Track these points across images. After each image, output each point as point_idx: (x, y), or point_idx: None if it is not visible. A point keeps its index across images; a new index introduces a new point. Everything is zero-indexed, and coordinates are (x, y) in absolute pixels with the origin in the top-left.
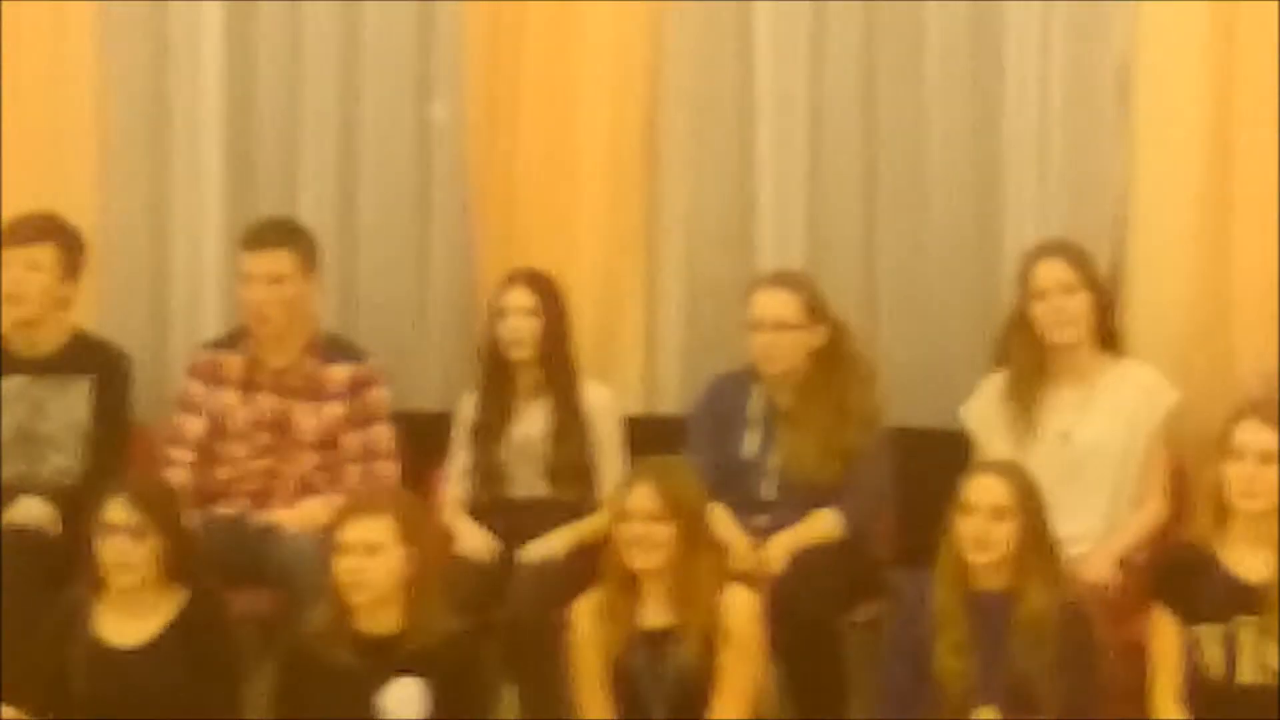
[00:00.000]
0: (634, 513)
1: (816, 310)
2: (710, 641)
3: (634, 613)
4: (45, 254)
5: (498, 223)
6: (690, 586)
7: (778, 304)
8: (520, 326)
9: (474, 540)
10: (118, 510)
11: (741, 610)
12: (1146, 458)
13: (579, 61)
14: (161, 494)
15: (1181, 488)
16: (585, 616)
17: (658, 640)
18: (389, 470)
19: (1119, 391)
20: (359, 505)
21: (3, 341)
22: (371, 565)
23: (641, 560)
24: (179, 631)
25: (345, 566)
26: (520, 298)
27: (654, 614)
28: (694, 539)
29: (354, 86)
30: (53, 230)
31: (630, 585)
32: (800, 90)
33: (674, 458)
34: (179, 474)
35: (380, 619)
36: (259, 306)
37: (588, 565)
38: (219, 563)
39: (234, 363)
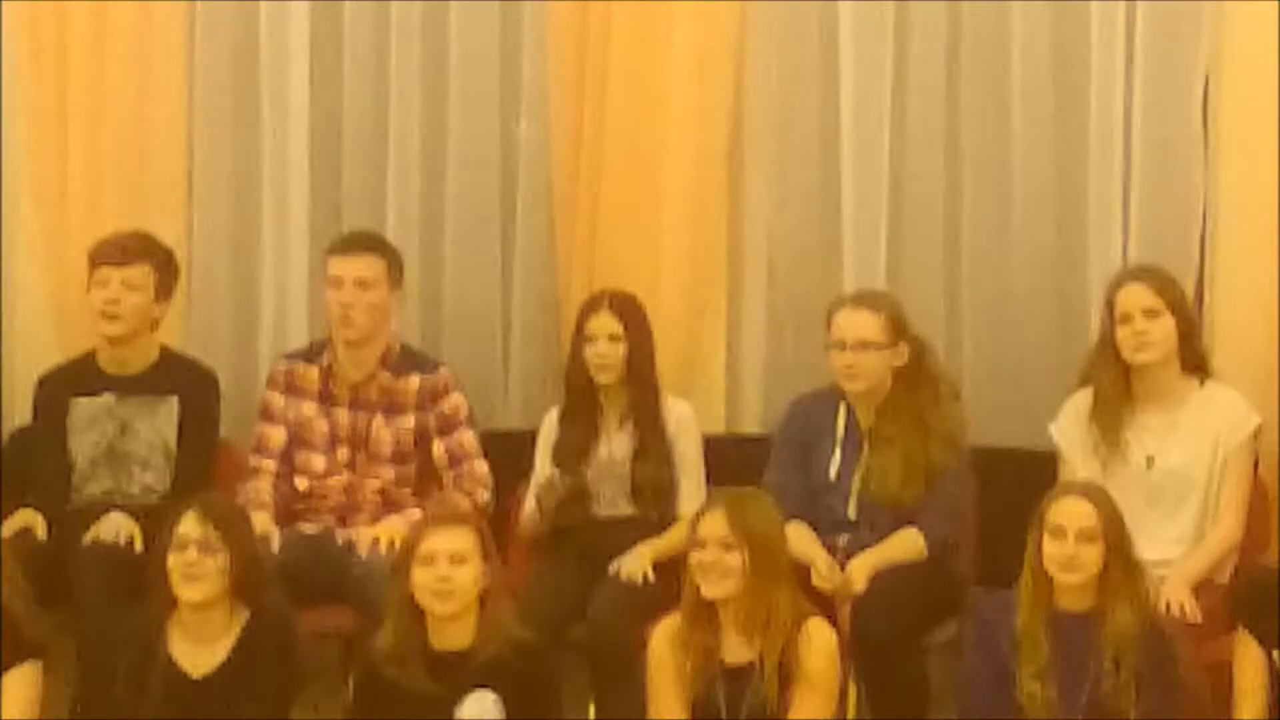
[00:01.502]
0: (706, 539)
1: (898, 329)
2: (789, 678)
3: (713, 645)
4: (142, 274)
5: (581, 241)
6: (765, 618)
7: (860, 323)
8: (607, 352)
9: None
10: (189, 523)
11: (820, 648)
12: (1225, 476)
13: (662, 81)
14: (232, 511)
15: (1264, 508)
16: (663, 643)
17: (737, 675)
18: (481, 469)
19: (1204, 417)
20: (441, 517)
21: (93, 358)
22: (459, 575)
23: (712, 589)
24: (242, 656)
25: (434, 575)
26: (606, 323)
27: (734, 648)
28: (768, 569)
29: (439, 105)
30: (149, 251)
31: (708, 616)
32: (883, 110)
33: (751, 488)
34: (265, 483)
35: (453, 634)
36: (345, 310)
37: (669, 583)
38: (301, 580)
39: (310, 374)
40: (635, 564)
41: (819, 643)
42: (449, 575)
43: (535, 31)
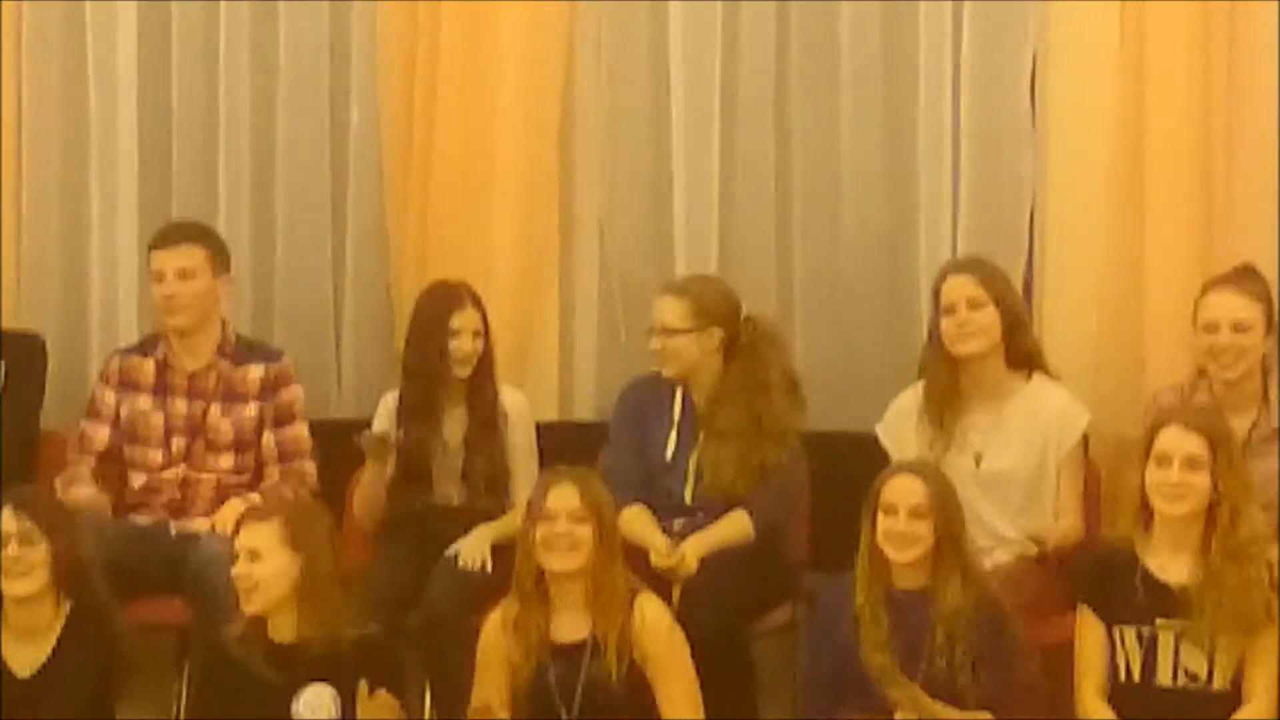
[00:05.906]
0: (555, 512)
1: (706, 313)
2: (624, 655)
3: (545, 625)
4: None
5: (413, 228)
6: (607, 596)
7: (663, 309)
8: (472, 347)
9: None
10: (5, 519)
11: (653, 623)
12: (1062, 480)
13: (493, 67)
14: (49, 503)
15: (1096, 495)
16: (494, 629)
17: (570, 653)
18: (309, 469)
19: (1031, 416)
20: (249, 512)
21: None
22: (255, 571)
23: (561, 562)
24: (65, 653)
25: (235, 573)
26: (471, 319)
27: (565, 627)
28: (609, 546)
29: (269, 92)
30: None
31: (542, 596)
32: (714, 95)
33: (585, 467)
34: (81, 484)
35: (279, 627)
36: (169, 301)
37: (503, 570)
38: (134, 573)
39: (145, 367)
40: (474, 550)
41: (650, 618)
42: (245, 573)
43: (365, 18)
